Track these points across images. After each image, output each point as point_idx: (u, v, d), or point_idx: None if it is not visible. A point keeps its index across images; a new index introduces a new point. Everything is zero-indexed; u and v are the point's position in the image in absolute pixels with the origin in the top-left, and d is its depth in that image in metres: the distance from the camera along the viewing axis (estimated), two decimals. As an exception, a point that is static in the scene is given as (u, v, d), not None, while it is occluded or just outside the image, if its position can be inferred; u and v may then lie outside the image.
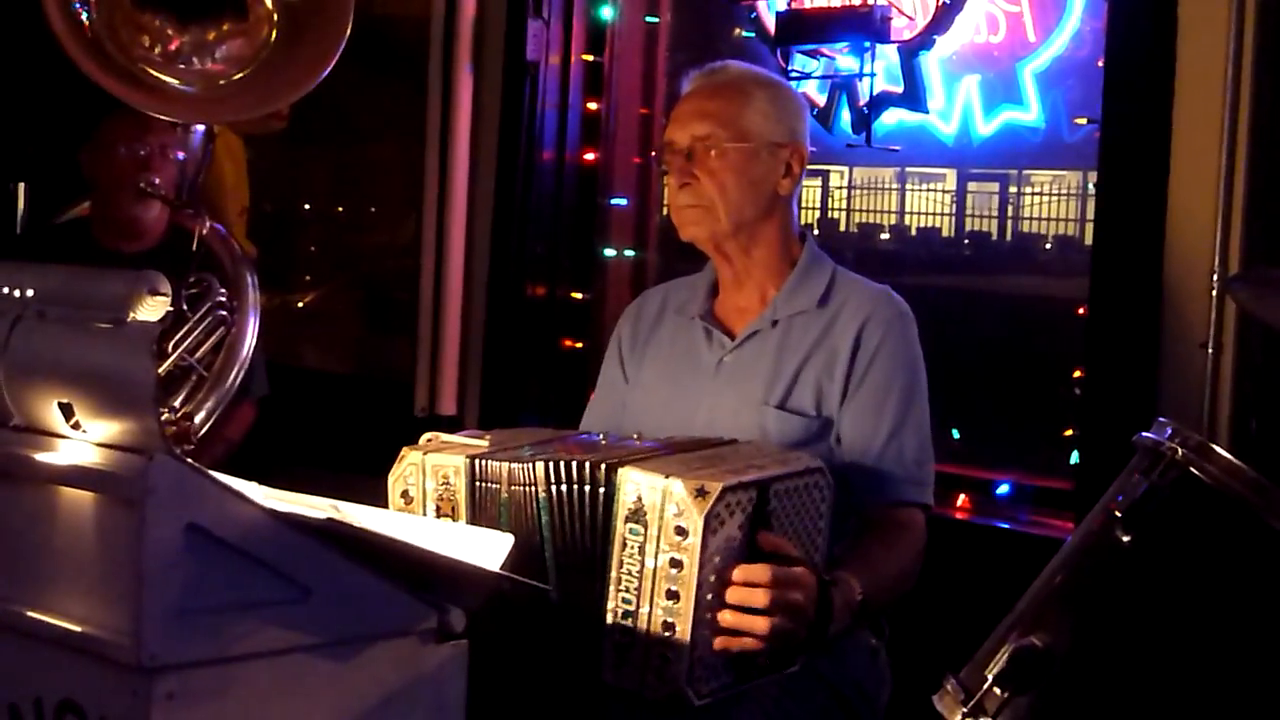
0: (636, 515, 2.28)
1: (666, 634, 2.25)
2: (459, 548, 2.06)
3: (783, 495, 2.34)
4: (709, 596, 2.26)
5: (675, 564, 2.24)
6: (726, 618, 2.26)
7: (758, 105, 2.85)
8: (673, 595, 2.25)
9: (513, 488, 2.41)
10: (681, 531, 2.23)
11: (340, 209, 5.73)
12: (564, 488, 2.36)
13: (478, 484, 2.45)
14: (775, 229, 2.88)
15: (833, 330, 2.80)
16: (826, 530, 2.45)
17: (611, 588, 2.31)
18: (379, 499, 2.50)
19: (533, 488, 2.38)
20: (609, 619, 2.30)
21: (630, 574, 2.28)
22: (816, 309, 2.83)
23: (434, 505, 2.48)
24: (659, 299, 3.06)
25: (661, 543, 2.25)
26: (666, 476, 2.25)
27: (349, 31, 3.27)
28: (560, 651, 2.38)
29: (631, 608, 2.28)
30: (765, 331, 2.84)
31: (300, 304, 5.71)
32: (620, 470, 2.31)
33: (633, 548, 2.28)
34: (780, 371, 2.79)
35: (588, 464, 2.34)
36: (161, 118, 3.67)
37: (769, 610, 2.26)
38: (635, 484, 2.28)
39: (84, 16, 3.17)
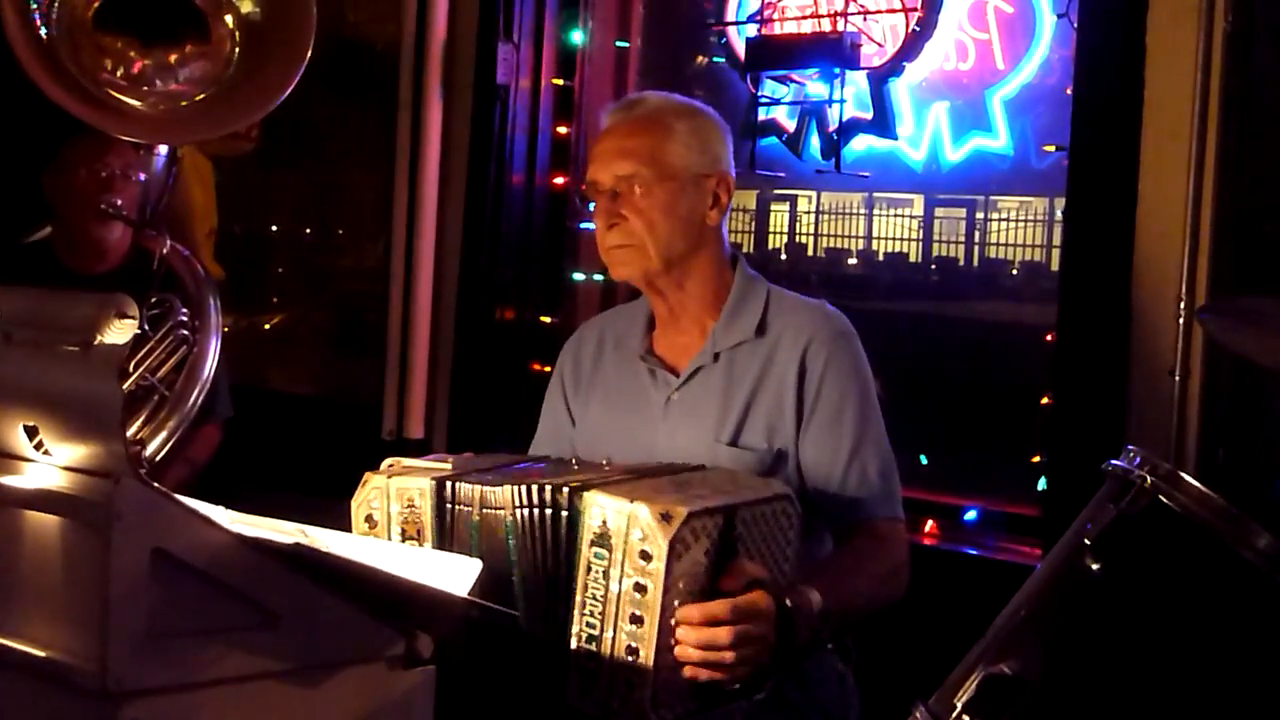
0: (602, 539, 2.27)
1: (630, 659, 2.25)
2: (427, 573, 2.05)
3: (749, 521, 2.33)
4: (673, 622, 2.25)
5: (639, 589, 2.23)
6: (691, 654, 2.25)
7: (679, 138, 2.79)
8: (637, 620, 2.24)
9: (484, 510, 2.40)
10: (646, 556, 2.22)
11: (309, 231, 5.71)
12: (529, 511, 2.35)
13: (445, 506, 2.44)
14: (707, 260, 2.83)
15: (776, 359, 2.77)
16: (794, 557, 2.44)
17: (576, 612, 2.30)
18: (347, 523, 2.49)
19: (501, 511, 2.38)
20: (574, 643, 2.30)
21: (595, 598, 2.28)
22: (756, 338, 2.80)
23: (399, 529, 2.46)
24: (596, 334, 3.02)
25: (626, 567, 2.24)
26: (632, 501, 2.24)
27: (310, 52, 3.26)
28: (526, 675, 2.37)
29: (596, 632, 2.28)
30: (709, 367, 2.81)
31: (268, 326, 5.70)
32: (586, 494, 2.30)
33: (597, 572, 2.27)
34: (729, 407, 2.77)
35: (549, 487, 2.33)
36: (123, 139, 3.65)
37: (732, 646, 2.25)
38: (601, 508, 2.27)
39: (45, 38, 3.16)
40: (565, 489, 2.32)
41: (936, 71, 4.25)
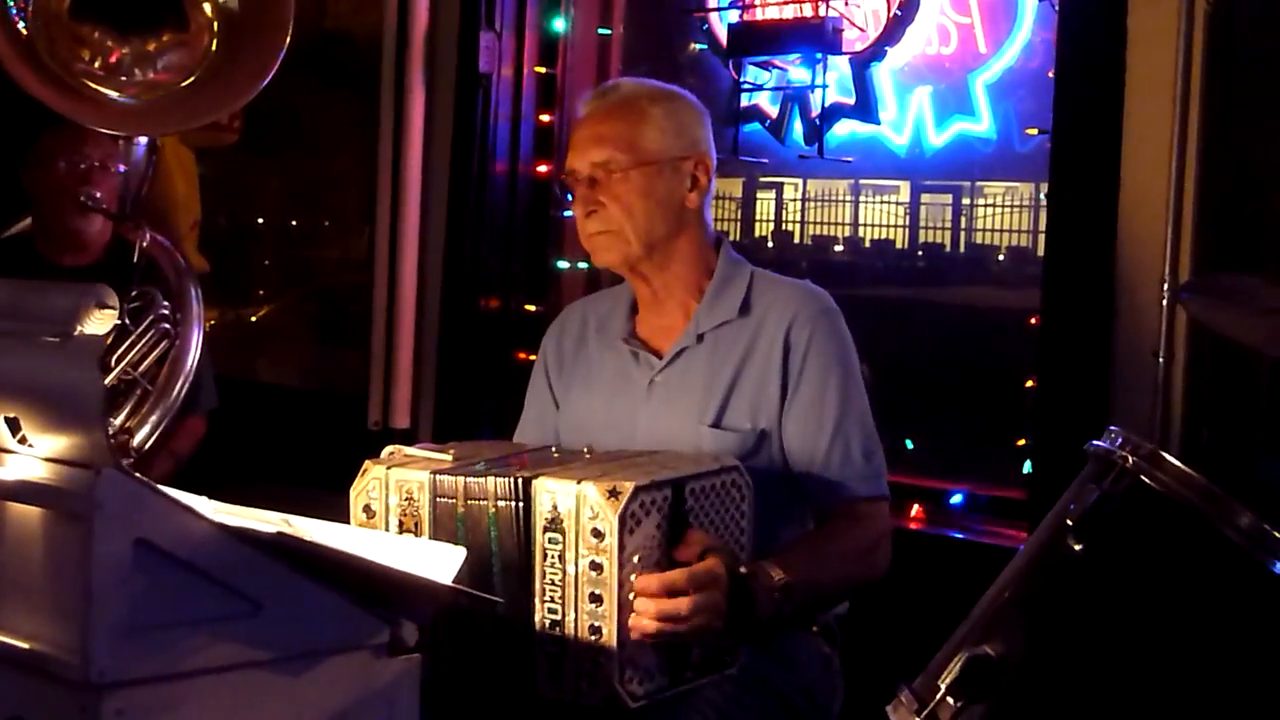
0: (554, 524, 2.29)
1: (594, 638, 2.26)
2: (411, 561, 2.05)
3: (699, 494, 2.35)
4: (631, 596, 2.27)
5: (595, 567, 2.25)
6: (647, 625, 2.27)
7: (654, 122, 2.79)
8: (596, 599, 2.26)
9: (469, 502, 2.40)
10: (598, 534, 2.25)
11: (293, 222, 5.71)
12: (504, 504, 2.36)
13: (439, 500, 2.44)
14: (689, 243, 2.83)
15: (760, 338, 2.77)
16: (750, 528, 2.45)
17: (537, 600, 2.32)
18: (333, 513, 2.47)
19: (484, 502, 2.38)
20: (538, 630, 2.31)
21: (554, 583, 2.29)
22: (739, 318, 2.80)
23: (397, 520, 2.46)
24: (579, 317, 3.02)
25: (580, 548, 2.26)
26: (579, 482, 2.27)
27: (288, 40, 3.25)
28: (499, 667, 2.38)
29: (558, 617, 2.29)
30: (692, 348, 2.81)
31: (253, 318, 5.69)
32: (535, 481, 2.32)
33: (553, 557, 2.29)
34: (712, 388, 2.76)
35: (508, 479, 2.35)
36: (102, 130, 3.64)
37: (691, 615, 2.27)
38: (550, 493, 2.30)
39: (21, 28, 3.13)
40: (520, 479, 2.34)
41: (919, 56, 4.26)
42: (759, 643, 2.52)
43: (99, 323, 1.90)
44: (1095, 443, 1.99)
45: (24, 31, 3.12)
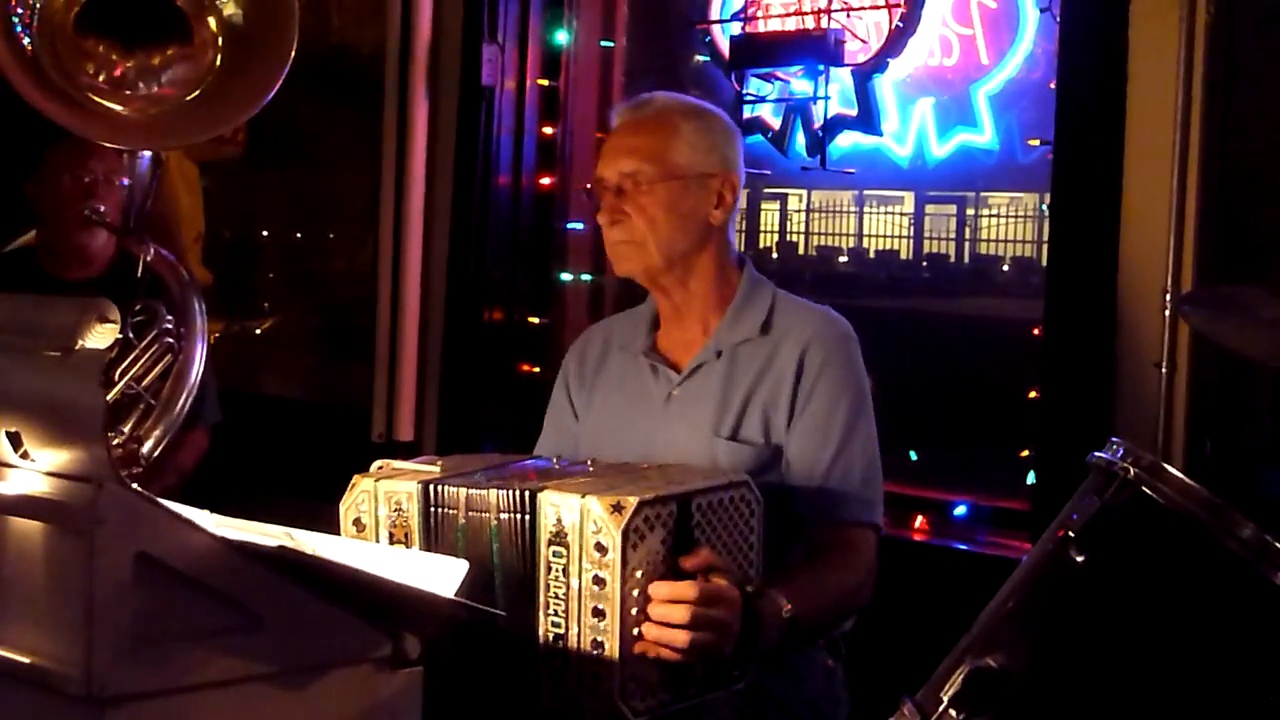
0: (558, 537, 2.29)
1: (596, 652, 2.27)
2: (414, 574, 2.05)
3: (706, 509, 2.35)
4: (634, 611, 2.27)
5: (598, 581, 2.26)
6: (650, 631, 2.27)
7: (685, 137, 2.81)
8: (599, 613, 2.26)
9: (470, 513, 2.41)
10: (601, 548, 2.25)
11: (297, 235, 5.71)
12: (506, 515, 2.37)
13: (432, 509, 2.45)
14: (711, 259, 2.85)
15: (777, 357, 2.79)
16: (759, 544, 2.45)
17: (540, 613, 2.32)
18: (335, 526, 2.49)
19: (486, 514, 2.38)
20: (541, 644, 2.32)
21: (557, 597, 2.30)
22: (760, 336, 2.82)
23: (387, 532, 2.47)
24: (602, 335, 3.05)
25: (584, 561, 2.27)
26: (583, 496, 2.27)
27: (293, 53, 3.25)
28: (505, 682, 2.38)
29: (561, 630, 2.30)
30: (711, 363, 2.83)
31: (258, 330, 5.70)
32: (540, 494, 2.32)
33: (557, 570, 2.30)
34: (728, 402, 2.78)
35: (515, 491, 2.36)
36: (106, 144, 3.65)
37: (690, 625, 2.26)
38: (555, 506, 2.30)
39: (25, 42, 3.14)
40: (526, 491, 2.34)
41: (921, 67, 4.26)
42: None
43: (101, 337, 1.90)
44: (1097, 454, 1.99)
45: (28, 45, 3.13)
